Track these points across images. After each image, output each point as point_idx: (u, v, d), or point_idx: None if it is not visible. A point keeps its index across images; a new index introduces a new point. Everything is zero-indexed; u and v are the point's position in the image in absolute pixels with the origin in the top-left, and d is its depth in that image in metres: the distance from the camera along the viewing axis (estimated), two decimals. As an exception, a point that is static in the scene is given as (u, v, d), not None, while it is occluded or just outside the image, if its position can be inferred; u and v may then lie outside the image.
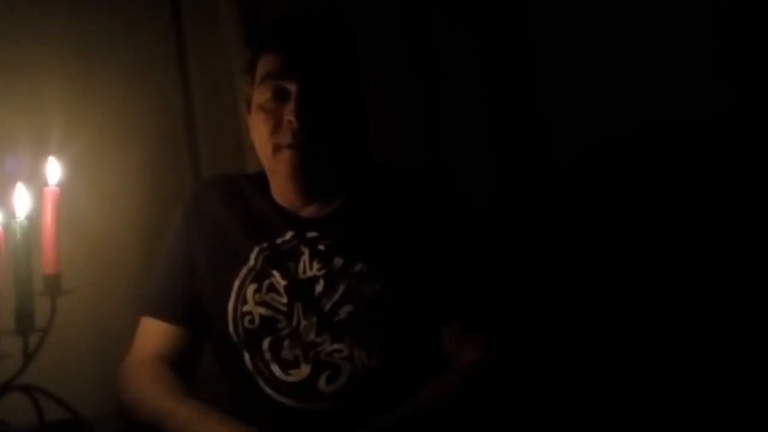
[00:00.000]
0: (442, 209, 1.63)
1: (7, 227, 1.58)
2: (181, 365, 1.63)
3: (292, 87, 1.56)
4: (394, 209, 1.61)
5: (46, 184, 1.65)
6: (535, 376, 1.65)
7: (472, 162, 2.04)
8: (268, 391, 1.57)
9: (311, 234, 1.61)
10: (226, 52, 1.95)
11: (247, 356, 1.59)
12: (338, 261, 1.58)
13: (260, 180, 1.67)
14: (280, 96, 1.57)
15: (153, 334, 1.64)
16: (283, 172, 1.58)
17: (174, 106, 1.97)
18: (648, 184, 1.98)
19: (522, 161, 2.07)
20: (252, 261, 1.61)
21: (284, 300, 1.59)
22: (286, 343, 1.57)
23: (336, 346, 1.55)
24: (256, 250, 1.61)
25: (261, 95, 1.59)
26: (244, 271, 1.61)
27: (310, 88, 1.56)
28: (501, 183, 2.06)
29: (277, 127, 1.57)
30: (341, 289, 1.57)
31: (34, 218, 1.61)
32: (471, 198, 1.69)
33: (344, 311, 1.56)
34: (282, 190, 1.63)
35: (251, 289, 1.60)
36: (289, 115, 1.55)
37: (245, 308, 1.59)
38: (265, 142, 1.58)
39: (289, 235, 1.62)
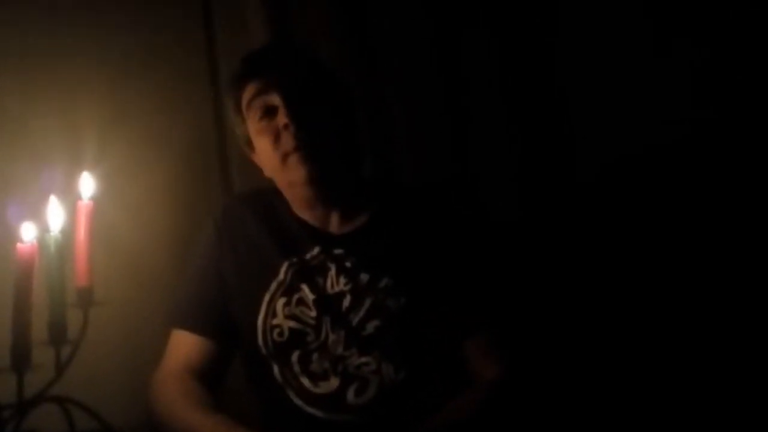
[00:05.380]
0: (466, 224, 1.65)
1: (42, 241, 1.59)
2: (210, 377, 1.64)
3: (276, 99, 1.60)
4: (419, 225, 1.63)
5: (79, 197, 1.66)
6: (555, 392, 1.65)
7: (498, 173, 2.04)
8: (298, 402, 1.59)
9: (338, 251, 1.63)
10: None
11: (276, 368, 1.61)
12: (364, 276, 1.60)
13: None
14: (270, 112, 1.61)
15: (183, 346, 1.66)
16: (297, 178, 1.61)
17: (206, 121, 1.98)
18: (675, 199, 1.97)
19: (548, 173, 2.07)
20: (282, 275, 1.63)
21: (313, 314, 1.60)
22: (315, 356, 1.58)
23: (364, 359, 1.56)
24: (285, 264, 1.63)
25: (253, 120, 1.64)
26: (274, 285, 1.62)
27: (295, 95, 1.59)
28: (526, 195, 2.06)
29: (277, 139, 1.60)
30: (367, 303, 1.58)
31: (68, 232, 1.62)
32: (496, 209, 1.69)
33: (371, 326, 1.57)
34: (303, 200, 1.65)
35: (281, 302, 1.61)
36: (282, 121, 1.58)
37: (275, 321, 1.61)
38: (272, 158, 1.62)
39: (316, 250, 1.64)
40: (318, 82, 1.63)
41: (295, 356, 1.59)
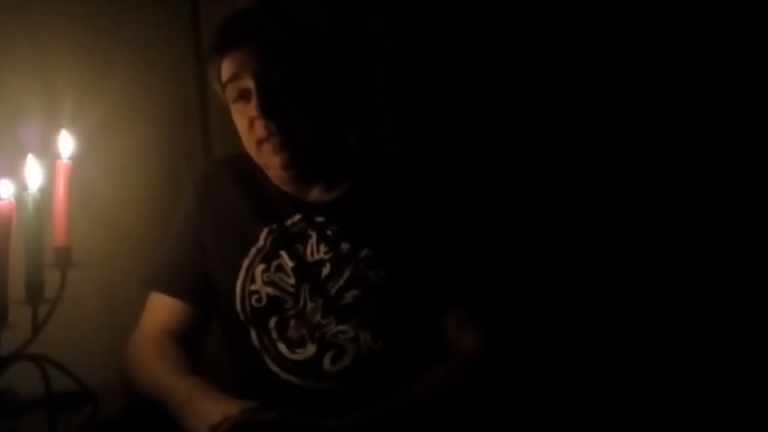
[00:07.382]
0: (449, 198, 1.64)
1: (19, 199, 1.59)
2: (188, 341, 1.64)
3: (250, 85, 1.57)
4: (401, 196, 1.63)
5: (58, 156, 1.65)
6: (532, 367, 1.66)
7: (485, 151, 2.05)
8: (274, 368, 1.59)
9: (319, 218, 1.63)
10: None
11: (253, 334, 1.61)
12: (345, 246, 1.59)
13: None
14: (245, 96, 1.59)
15: (160, 309, 1.66)
16: (272, 164, 1.61)
17: (188, 81, 1.97)
18: (659, 183, 1.98)
19: (535, 157, 2.07)
20: (261, 241, 1.62)
21: (292, 281, 1.60)
22: (293, 323, 1.59)
23: (341, 327, 1.57)
24: (265, 230, 1.63)
25: (231, 99, 1.61)
26: (253, 251, 1.62)
27: (268, 80, 1.56)
28: (513, 177, 2.06)
29: (250, 126, 1.59)
30: (347, 273, 1.58)
31: (46, 191, 1.61)
32: (482, 191, 1.69)
33: (350, 295, 1.57)
34: (281, 180, 1.65)
35: (260, 268, 1.61)
36: (253, 112, 1.56)
37: (253, 287, 1.61)
38: (247, 140, 1.61)
39: (297, 217, 1.63)
40: (298, 55, 1.58)
41: (272, 322, 1.59)
